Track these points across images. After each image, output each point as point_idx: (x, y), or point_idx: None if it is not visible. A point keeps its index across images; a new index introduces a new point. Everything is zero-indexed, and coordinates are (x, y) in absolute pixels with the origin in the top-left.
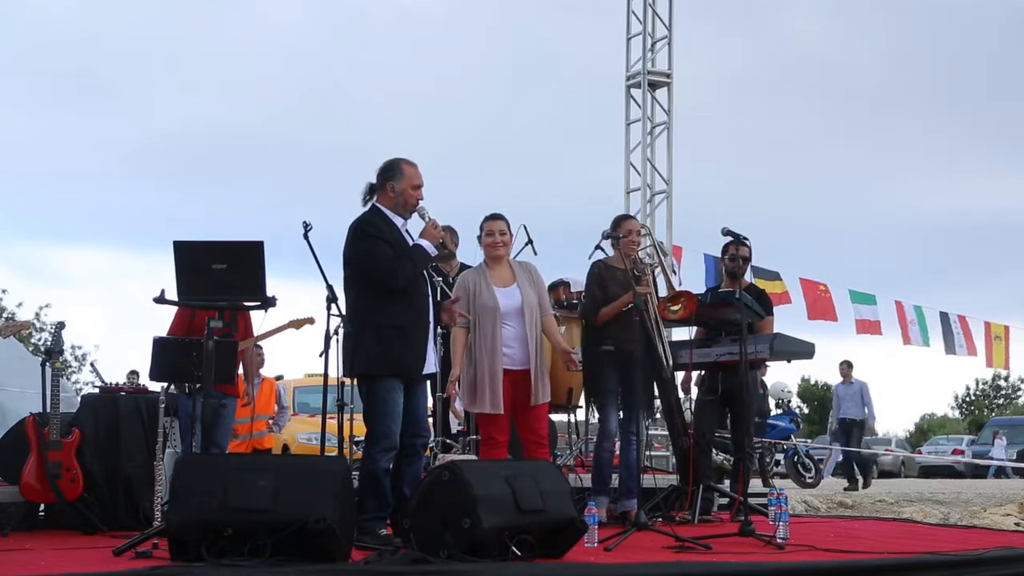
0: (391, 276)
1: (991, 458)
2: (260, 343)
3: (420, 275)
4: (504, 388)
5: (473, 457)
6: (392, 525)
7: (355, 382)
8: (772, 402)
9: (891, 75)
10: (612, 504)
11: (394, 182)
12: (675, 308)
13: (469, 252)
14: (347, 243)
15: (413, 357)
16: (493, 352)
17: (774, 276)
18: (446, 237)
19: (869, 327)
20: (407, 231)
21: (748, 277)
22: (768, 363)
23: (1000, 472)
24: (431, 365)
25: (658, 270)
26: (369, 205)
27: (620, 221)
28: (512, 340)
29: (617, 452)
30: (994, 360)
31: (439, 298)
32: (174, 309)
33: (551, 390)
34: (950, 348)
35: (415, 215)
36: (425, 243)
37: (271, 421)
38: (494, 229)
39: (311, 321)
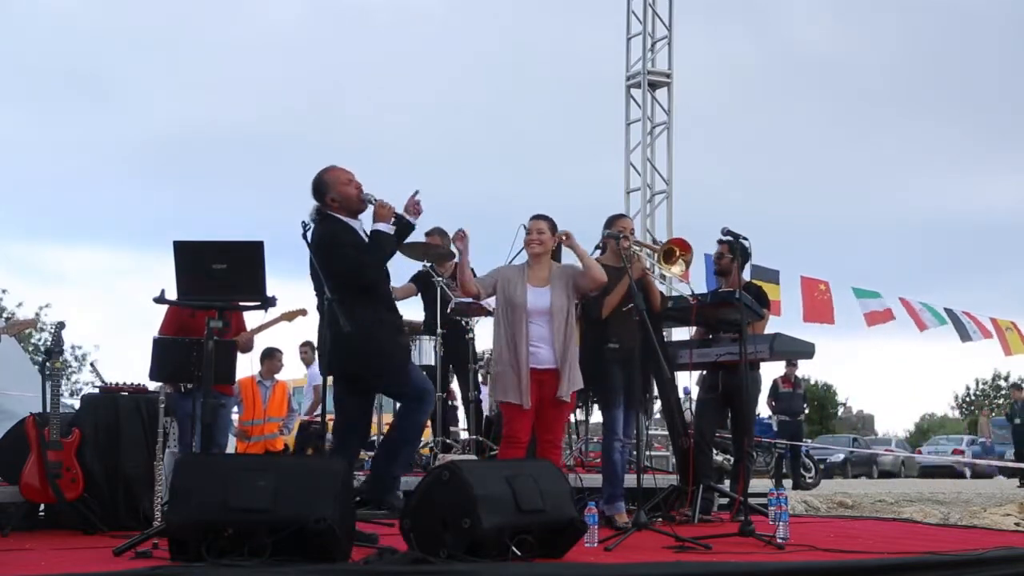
0: (361, 271)
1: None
2: (280, 349)
3: (385, 263)
4: (531, 386)
5: (473, 457)
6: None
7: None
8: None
9: (892, 74)
10: (607, 505)
11: (329, 194)
12: (675, 269)
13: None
14: (322, 254)
15: (402, 353)
16: (516, 346)
17: (773, 277)
18: (433, 239)
19: (879, 317)
20: (364, 231)
21: (747, 275)
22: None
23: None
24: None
25: (644, 251)
26: (324, 218)
27: (615, 219)
28: (538, 340)
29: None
30: (1012, 348)
31: (439, 298)
32: (167, 309)
33: None
34: (965, 336)
35: (367, 205)
36: (381, 226)
37: (282, 423)
38: (532, 228)
39: (303, 312)
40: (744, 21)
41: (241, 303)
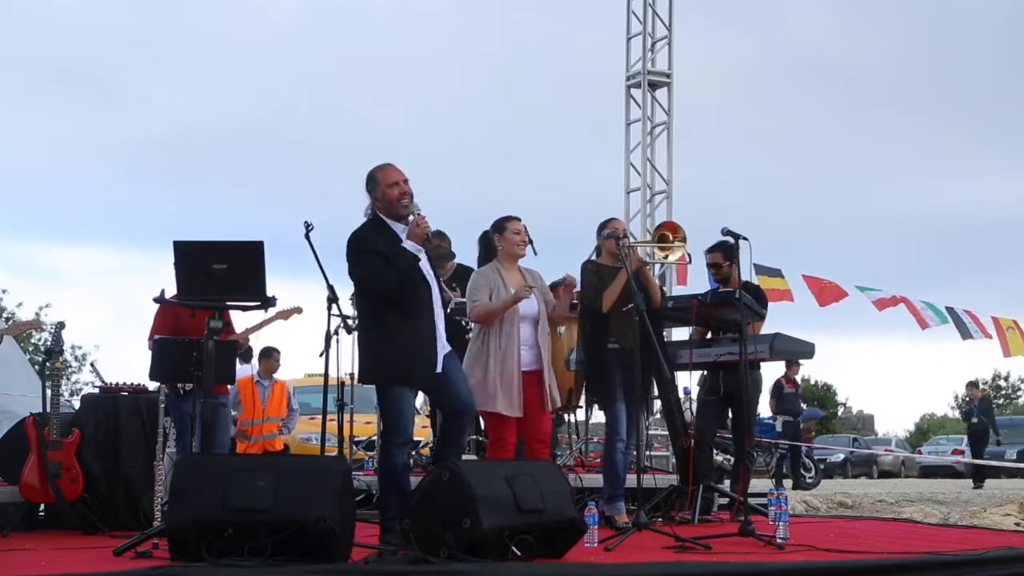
0: (379, 286)
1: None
2: (277, 348)
3: (410, 278)
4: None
5: (473, 457)
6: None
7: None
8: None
9: (893, 74)
10: (607, 505)
11: (375, 193)
12: (674, 256)
13: (464, 253)
14: (347, 258)
15: (416, 362)
16: (508, 354)
17: (776, 273)
18: (431, 241)
19: (888, 303)
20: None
21: (749, 275)
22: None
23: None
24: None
25: (639, 249)
26: (370, 217)
27: (607, 223)
28: (524, 344)
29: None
30: (1011, 348)
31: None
32: (158, 309)
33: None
34: (966, 334)
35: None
36: (408, 245)
37: (281, 423)
38: (521, 229)
39: (299, 311)
40: (744, 21)
41: (241, 303)
